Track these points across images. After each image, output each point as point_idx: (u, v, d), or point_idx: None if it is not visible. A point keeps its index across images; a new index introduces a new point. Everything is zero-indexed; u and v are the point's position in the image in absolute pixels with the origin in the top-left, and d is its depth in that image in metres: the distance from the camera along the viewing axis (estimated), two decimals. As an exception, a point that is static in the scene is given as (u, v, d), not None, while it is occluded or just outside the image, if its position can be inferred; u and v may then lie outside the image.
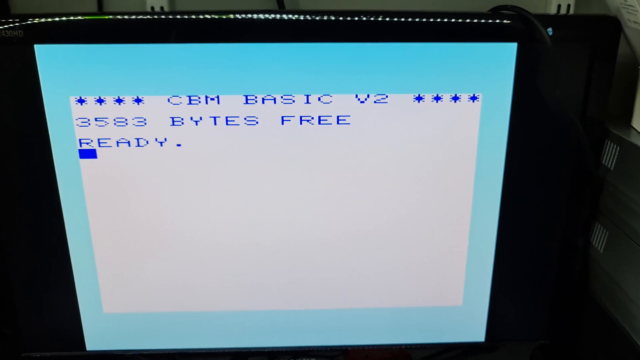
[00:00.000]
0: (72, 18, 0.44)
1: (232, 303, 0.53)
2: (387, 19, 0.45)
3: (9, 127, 0.47)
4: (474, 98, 0.47)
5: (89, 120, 0.46)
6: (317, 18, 0.45)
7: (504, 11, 0.47)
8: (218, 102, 0.46)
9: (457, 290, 0.54)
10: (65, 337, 0.54)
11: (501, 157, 0.49)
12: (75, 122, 0.46)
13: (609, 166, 0.51)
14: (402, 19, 0.45)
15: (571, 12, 0.59)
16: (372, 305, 0.54)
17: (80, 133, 0.47)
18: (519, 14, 0.46)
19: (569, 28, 0.47)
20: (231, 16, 0.45)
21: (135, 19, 0.45)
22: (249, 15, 0.45)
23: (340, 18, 0.45)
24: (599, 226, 0.52)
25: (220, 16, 0.45)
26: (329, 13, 0.45)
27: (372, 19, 0.45)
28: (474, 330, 0.56)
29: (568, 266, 0.53)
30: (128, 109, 0.46)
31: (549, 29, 0.45)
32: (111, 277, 0.52)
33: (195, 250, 0.51)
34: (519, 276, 0.54)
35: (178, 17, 0.45)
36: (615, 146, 0.50)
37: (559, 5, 0.59)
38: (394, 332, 0.56)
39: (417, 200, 0.50)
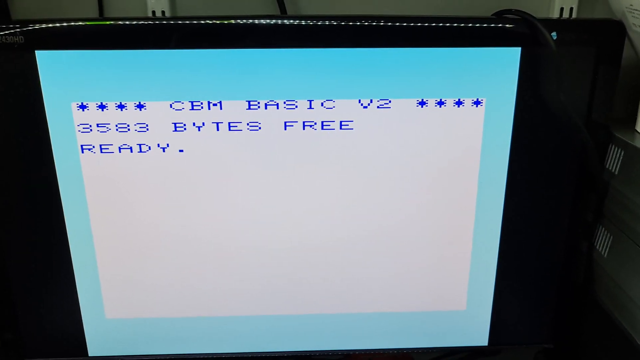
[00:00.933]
0: (73, 24, 0.44)
1: (236, 308, 0.53)
2: (390, 23, 0.45)
3: (10, 133, 0.47)
4: (477, 103, 0.47)
5: (90, 126, 0.46)
6: (320, 23, 0.45)
7: (507, 15, 0.47)
8: (220, 108, 0.46)
9: (460, 294, 0.54)
10: (67, 343, 0.54)
11: (505, 161, 0.49)
12: (77, 128, 0.46)
13: (613, 170, 0.50)
14: (405, 24, 0.45)
15: (574, 15, 0.58)
16: (375, 309, 0.54)
17: (82, 139, 0.47)
18: (523, 18, 0.46)
19: (573, 32, 0.46)
20: (233, 21, 0.44)
21: (137, 24, 0.45)
22: (251, 21, 0.44)
23: (343, 23, 0.45)
24: (603, 230, 0.52)
25: (222, 21, 0.44)
26: (331, 18, 0.45)
27: (374, 23, 0.45)
28: (478, 334, 0.56)
29: (572, 270, 0.53)
30: (130, 114, 0.46)
31: (553, 33, 0.45)
32: (113, 283, 0.52)
33: (197, 255, 0.51)
34: (523, 280, 0.54)
35: (180, 22, 0.45)
36: (619, 150, 0.50)
37: (562, 9, 0.58)
38: (397, 336, 0.56)
39: (421, 205, 0.50)
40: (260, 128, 0.47)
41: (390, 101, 0.46)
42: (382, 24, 0.45)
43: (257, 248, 0.51)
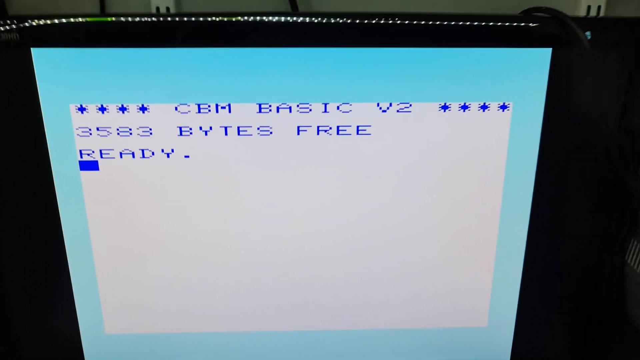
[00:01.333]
0: (72, 20, 0.41)
1: (240, 324, 0.51)
2: (412, 21, 0.42)
3: (4, 137, 0.44)
4: (503, 107, 0.44)
5: (90, 129, 0.44)
6: (335, 20, 0.42)
7: (537, 14, 0.44)
8: (229, 111, 0.43)
9: (481, 310, 0.51)
10: (64, 359, 0.51)
11: (532, 169, 0.46)
12: (76, 132, 0.44)
13: (647, 180, 0.47)
14: (428, 22, 0.42)
15: (602, 14, 0.55)
16: (391, 326, 0.51)
17: (81, 143, 0.44)
18: (554, 17, 0.43)
19: (607, 31, 0.43)
20: (242, 18, 0.42)
21: (140, 21, 0.42)
22: (262, 18, 0.42)
23: (360, 20, 0.42)
24: (635, 243, 0.49)
25: (230, 18, 0.42)
26: (347, 15, 0.42)
27: (395, 21, 0.42)
28: (499, 351, 0.53)
29: (601, 285, 0.50)
30: (132, 117, 0.43)
31: (587, 33, 0.42)
32: (114, 297, 0.49)
33: (203, 268, 0.48)
34: (549, 295, 0.51)
35: (185, 19, 0.42)
36: (654, 158, 0.47)
37: (589, 7, 0.55)
38: (413, 354, 0.53)
39: (442, 216, 0.47)
40: (271, 133, 0.44)
41: (410, 105, 0.44)
42: (402, 21, 0.42)
43: (265, 261, 0.48)
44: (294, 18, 0.42)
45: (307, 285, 0.49)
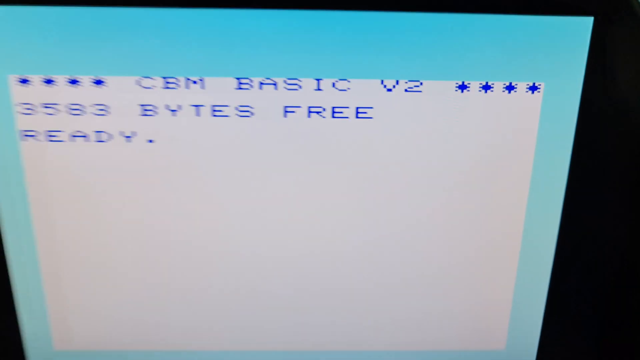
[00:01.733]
0: (12, -29, 0.35)
1: (217, 341, 0.45)
2: (424, -19, 0.36)
3: None
4: (533, 88, 0.38)
5: (34, 106, 0.38)
6: (332, -21, 0.36)
7: (576, -25, 0.38)
8: (202, 87, 0.38)
9: (499, 331, 0.45)
10: (9, 378, 0.45)
11: (565, 164, 0.40)
12: (16, 109, 0.38)
13: (702, 179, 0.41)
14: (444, -18, 0.36)
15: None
16: (399, 347, 0.46)
17: (23, 123, 0.38)
18: (597, -21, 0.36)
19: (660, -2, 0.37)
20: (221, -26, 0.35)
21: (96, -26, 0.35)
22: (244, -27, 0.35)
23: (362, -20, 0.36)
24: (686, 255, 0.42)
25: (206, -26, 0.35)
26: (347, -28, 0.36)
27: (404, -19, 0.36)
28: (518, 379, 0.46)
29: (642, 304, 0.44)
30: (86, 92, 0.37)
31: (639, -1, 0.36)
32: (64, 307, 0.43)
33: (170, 274, 0.42)
34: (578, 314, 0.45)
35: (152, -27, 0.36)
36: None
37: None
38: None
39: (456, 219, 0.41)
40: (253, 114, 0.38)
41: (421, 83, 0.38)
42: (413, -18, 0.36)
43: (245, 266, 0.42)
44: (284, -23, 0.36)
45: (299, 299, 0.43)
